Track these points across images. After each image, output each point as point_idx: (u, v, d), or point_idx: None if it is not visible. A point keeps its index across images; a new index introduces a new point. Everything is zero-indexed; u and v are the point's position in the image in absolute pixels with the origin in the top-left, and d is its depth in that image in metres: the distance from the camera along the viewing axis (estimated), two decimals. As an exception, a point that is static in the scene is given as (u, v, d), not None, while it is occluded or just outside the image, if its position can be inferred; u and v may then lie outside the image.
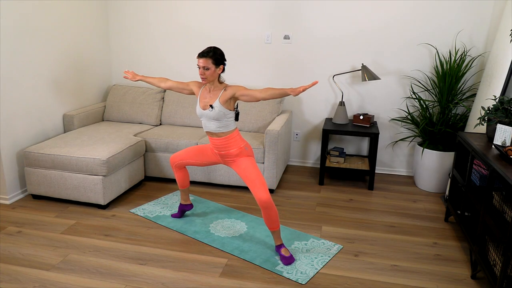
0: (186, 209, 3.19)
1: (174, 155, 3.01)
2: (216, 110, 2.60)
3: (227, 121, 2.67)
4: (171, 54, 4.45)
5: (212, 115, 2.63)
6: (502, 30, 3.38)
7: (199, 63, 2.56)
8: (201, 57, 2.56)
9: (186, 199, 3.17)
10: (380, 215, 3.36)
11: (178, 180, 3.08)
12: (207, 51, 2.56)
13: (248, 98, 2.56)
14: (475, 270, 2.52)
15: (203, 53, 2.56)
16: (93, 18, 4.25)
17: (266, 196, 2.54)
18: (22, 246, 2.76)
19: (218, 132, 2.68)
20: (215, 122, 2.66)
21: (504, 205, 2.25)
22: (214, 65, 2.56)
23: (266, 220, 2.60)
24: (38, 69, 3.57)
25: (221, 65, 2.61)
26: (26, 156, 3.31)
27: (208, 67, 2.55)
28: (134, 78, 2.95)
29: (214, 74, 2.59)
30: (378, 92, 4.12)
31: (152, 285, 2.40)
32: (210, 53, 2.55)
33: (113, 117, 4.33)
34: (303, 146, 4.44)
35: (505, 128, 2.59)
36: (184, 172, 3.06)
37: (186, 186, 3.11)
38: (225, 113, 2.62)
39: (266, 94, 2.48)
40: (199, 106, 2.70)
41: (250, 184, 2.60)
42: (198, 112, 2.72)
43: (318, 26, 4.06)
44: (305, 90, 2.40)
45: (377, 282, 2.47)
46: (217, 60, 2.57)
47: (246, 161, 2.69)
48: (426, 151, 3.73)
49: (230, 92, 2.59)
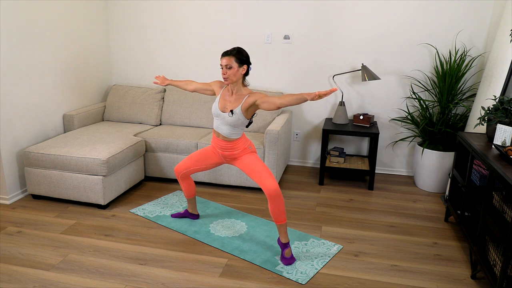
0: (191, 218, 3.18)
1: (178, 165, 2.95)
2: (235, 117, 2.55)
3: (242, 129, 2.64)
4: (171, 54, 4.45)
5: (229, 121, 2.58)
6: (502, 30, 3.38)
7: (222, 63, 2.51)
8: (224, 55, 2.51)
9: (194, 208, 3.15)
10: (380, 215, 3.36)
11: (184, 190, 3.05)
12: (231, 49, 2.53)
13: (268, 106, 2.45)
14: (475, 270, 2.52)
15: (227, 51, 2.52)
16: (93, 18, 4.25)
17: (274, 184, 2.51)
18: (22, 246, 2.76)
19: (228, 138, 2.65)
20: (229, 127, 2.61)
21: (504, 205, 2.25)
22: (237, 64, 2.50)
23: (273, 212, 2.57)
24: (38, 69, 3.57)
25: (244, 65, 2.54)
26: (26, 156, 3.31)
27: (231, 66, 2.49)
28: (164, 82, 2.95)
29: (237, 74, 2.52)
30: (378, 92, 4.12)
31: (152, 285, 2.40)
32: (234, 52, 2.51)
33: (113, 117, 4.33)
34: (303, 146, 4.44)
35: (505, 128, 2.59)
36: (189, 181, 3.02)
37: (192, 195, 3.08)
38: (243, 121, 2.58)
39: (285, 100, 2.38)
40: (218, 105, 2.63)
41: (256, 176, 2.56)
42: (214, 111, 2.65)
43: (318, 26, 4.06)
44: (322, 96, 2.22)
45: (377, 282, 2.47)
46: (240, 60, 2.51)
47: (249, 156, 2.68)
48: (426, 151, 3.73)
49: (252, 99, 2.51)
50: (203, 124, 4.16)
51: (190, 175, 3.02)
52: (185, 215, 3.18)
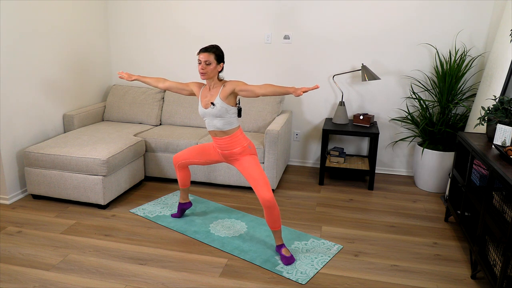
0: (185, 208, 3.19)
1: (177, 154, 3.00)
2: (218, 107, 2.58)
3: (231, 117, 2.65)
4: (171, 54, 4.45)
5: (214, 112, 2.61)
6: (502, 30, 3.38)
7: (201, 58, 2.54)
8: (203, 51, 2.54)
9: (185, 197, 3.17)
10: (380, 215, 3.36)
11: (179, 180, 3.08)
12: (210, 46, 2.57)
13: (247, 94, 2.53)
14: (475, 270, 2.52)
15: (206, 48, 2.55)
16: (93, 18, 4.25)
17: (269, 195, 2.53)
18: (22, 246, 2.76)
19: (223, 130, 2.66)
20: (218, 120, 2.64)
21: (504, 205, 2.25)
22: (215, 61, 2.55)
23: (268, 220, 2.60)
24: (38, 69, 3.57)
25: (221, 63, 2.61)
26: (26, 156, 3.31)
27: (210, 62, 2.53)
28: (130, 78, 2.92)
29: (214, 70, 2.57)
30: (378, 92, 4.12)
31: (152, 285, 2.40)
32: (213, 49, 2.55)
33: (113, 117, 4.33)
34: (303, 146, 4.44)
35: (505, 128, 2.59)
36: (186, 171, 3.06)
37: (187, 185, 3.12)
38: (227, 109, 2.60)
39: (267, 91, 2.47)
40: (201, 105, 2.68)
41: (253, 183, 2.59)
42: (200, 112, 2.69)
43: (318, 26, 4.06)
44: (305, 92, 2.38)
45: (377, 282, 2.47)
46: (219, 57, 2.57)
47: (249, 159, 2.68)
48: (426, 151, 3.73)
49: (230, 87, 2.57)
50: (203, 124, 4.16)
51: (188, 166, 3.05)
52: (180, 209, 3.18)
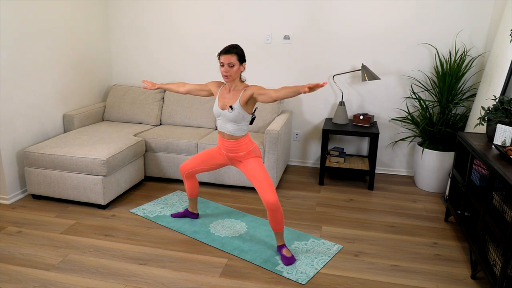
0: (191, 217, 3.18)
1: (183, 164, 2.95)
2: (236, 112, 2.54)
3: (245, 124, 2.61)
4: (171, 54, 4.45)
5: (231, 117, 2.56)
6: (502, 30, 3.38)
7: (223, 60, 2.45)
8: (225, 53, 2.45)
9: (194, 208, 3.15)
10: (380, 215, 3.36)
11: (188, 189, 3.05)
12: (232, 47, 2.47)
13: (264, 98, 2.43)
14: (475, 270, 2.52)
15: (228, 49, 2.46)
16: (93, 18, 4.25)
17: (273, 198, 2.51)
18: (22, 246, 2.76)
19: (234, 135, 2.62)
20: (232, 124, 2.59)
21: (504, 205, 2.25)
22: (238, 62, 2.48)
23: (271, 222, 2.58)
24: (38, 69, 3.57)
25: (244, 63, 2.53)
26: (26, 156, 3.31)
27: (234, 64, 2.46)
28: (153, 86, 2.88)
29: (237, 71, 2.51)
30: (378, 92, 4.12)
31: (152, 285, 2.40)
32: (235, 49, 2.46)
33: (113, 117, 4.33)
34: (303, 146, 4.44)
35: (505, 128, 2.59)
36: (194, 181, 3.02)
37: (195, 195, 3.09)
38: (244, 116, 2.56)
39: (280, 93, 2.36)
40: (218, 105, 2.62)
41: (257, 186, 2.56)
42: (215, 111, 2.64)
43: (318, 26, 4.06)
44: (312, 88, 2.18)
45: (377, 282, 2.47)
46: (241, 57, 2.49)
47: (254, 161, 2.66)
48: (426, 151, 3.73)
49: (249, 92, 2.49)
50: (203, 124, 4.16)
51: (195, 175, 3.02)
52: (185, 214, 3.18)
